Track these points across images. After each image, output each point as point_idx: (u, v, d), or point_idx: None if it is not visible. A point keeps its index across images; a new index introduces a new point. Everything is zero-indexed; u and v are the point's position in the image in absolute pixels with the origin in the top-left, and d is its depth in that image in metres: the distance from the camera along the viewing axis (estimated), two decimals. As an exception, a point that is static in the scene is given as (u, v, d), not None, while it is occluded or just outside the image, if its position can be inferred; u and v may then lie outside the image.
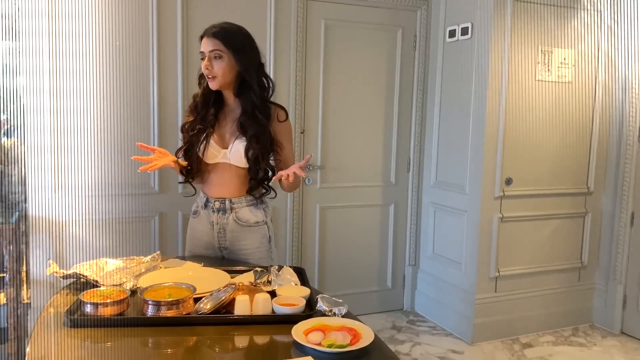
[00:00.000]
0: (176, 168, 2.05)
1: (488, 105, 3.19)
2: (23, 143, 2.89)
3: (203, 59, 1.93)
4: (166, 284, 1.58)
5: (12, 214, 2.83)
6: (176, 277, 1.67)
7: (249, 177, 2.02)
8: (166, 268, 1.83)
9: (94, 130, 2.88)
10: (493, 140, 3.23)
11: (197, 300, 1.51)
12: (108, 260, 1.79)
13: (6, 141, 3.04)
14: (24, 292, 2.98)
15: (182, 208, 3.06)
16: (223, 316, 1.47)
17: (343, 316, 1.48)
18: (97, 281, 1.67)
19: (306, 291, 1.61)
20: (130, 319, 1.46)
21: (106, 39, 2.85)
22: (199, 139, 1.99)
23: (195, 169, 2.04)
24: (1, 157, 3.00)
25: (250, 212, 2.04)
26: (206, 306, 1.47)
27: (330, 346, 1.29)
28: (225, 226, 2.03)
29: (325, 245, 3.56)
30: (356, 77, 3.51)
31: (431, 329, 3.55)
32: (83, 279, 1.71)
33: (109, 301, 1.46)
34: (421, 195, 3.79)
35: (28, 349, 1.34)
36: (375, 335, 1.36)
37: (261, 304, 1.49)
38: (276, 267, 1.74)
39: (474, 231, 3.32)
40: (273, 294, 1.58)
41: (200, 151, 2.00)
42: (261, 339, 1.44)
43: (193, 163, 2.03)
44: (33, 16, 2.70)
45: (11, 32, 2.91)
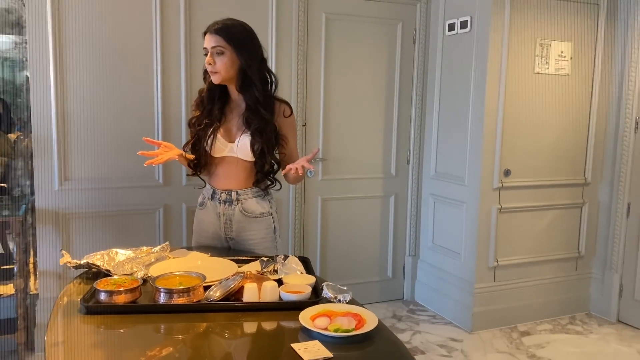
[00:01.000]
0: (182, 161, 2.09)
1: (487, 97, 3.23)
2: (29, 137, 2.94)
3: (206, 54, 1.97)
4: (177, 273, 1.62)
5: (19, 206, 2.88)
6: (186, 266, 1.72)
7: (255, 170, 2.06)
8: (175, 258, 1.88)
9: (100, 124, 2.92)
10: (492, 132, 3.27)
11: (206, 288, 1.57)
12: (118, 250, 1.84)
13: (13, 135, 3.08)
14: (31, 283, 3.03)
15: (186, 200, 3.11)
16: (232, 303, 1.52)
17: (347, 303, 1.53)
18: (109, 271, 1.72)
19: (312, 279, 1.66)
20: (143, 306, 1.52)
21: (110, 34, 2.89)
22: (206, 133, 2.03)
23: (202, 162, 2.08)
24: (8, 150, 3.05)
25: (256, 204, 2.09)
26: (216, 294, 1.52)
27: (336, 330, 1.35)
28: (232, 217, 2.08)
29: (326, 237, 3.61)
30: (357, 70, 3.54)
31: (431, 318, 3.61)
32: (95, 269, 1.76)
33: (122, 289, 1.51)
34: (421, 186, 3.83)
35: (45, 337, 1.39)
36: (379, 320, 1.42)
37: (269, 292, 1.54)
38: (282, 256, 1.78)
39: (473, 222, 3.36)
40: (279, 282, 1.63)
41: (207, 145, 2.04)
42: (269, 325, 1.49)
43: (201, 156, 2.07)
44: (38, 11, 2.73)
45: (17, 27, 2.95)
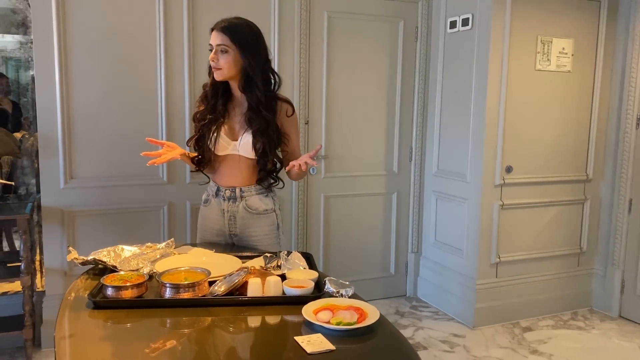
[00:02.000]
0: (185, 160, 2.12)
1: (488, 94, 3.24)
2: (35, 135, 2.97)
3: (211, 50, 2.00)
4: (182, 268, 1.65)
5: (25, 205, 2.92)
6: (191, 262, 1.75)
7: (258, 168, 2.08)
8: (180, 254, 1.91)
9: (104, 122, 2.95)
10: (493, 129, 3.29)
11: (211, 283, 1.59)
12: (124, 247, 1.87)
13: (19, 134, 3.11)
14: (38, 280, 3.07)
15: (190, 198, 3.14)
16: (237, 297, 1.55)
17: (350, 297, 1.56)
18: (115, 267, 1.74)
19: (314, 274, 1.68)
20: (150, 300, 1.54)
21: (114, 33, 2.92)
22: (209, 129, 2.05)
23: (206, 158, 2.10)
24: (15, 149, 3.08)
25: (259, 200, 2.11)
26: (220, 288, 1.55)
27: (338, 324, 1.37)
28: (236, 214, 2.10)
29: (329, 233, 3.63)
30: (359, 68, 3.56)
31: (433, 314, 3.63)
32: (101, 265, 1.78)
33: (128, 284, 1.54)
34: (423, 183, 3.85)
35: (55, 331, 1.42)
36: (381, 314, 1.44)
37: (272, 286, 1.56)
38: (285, 252, 1.81)
39: (475, 218, 3.38)
40: (283, 277, 1.65)
41: (211, 143, 2.06)
42: (273, 319, 1.52)
43: (204, 153, 2.09)
44: (43, 11, 2.76)
45: (22, 27, 2.98)
